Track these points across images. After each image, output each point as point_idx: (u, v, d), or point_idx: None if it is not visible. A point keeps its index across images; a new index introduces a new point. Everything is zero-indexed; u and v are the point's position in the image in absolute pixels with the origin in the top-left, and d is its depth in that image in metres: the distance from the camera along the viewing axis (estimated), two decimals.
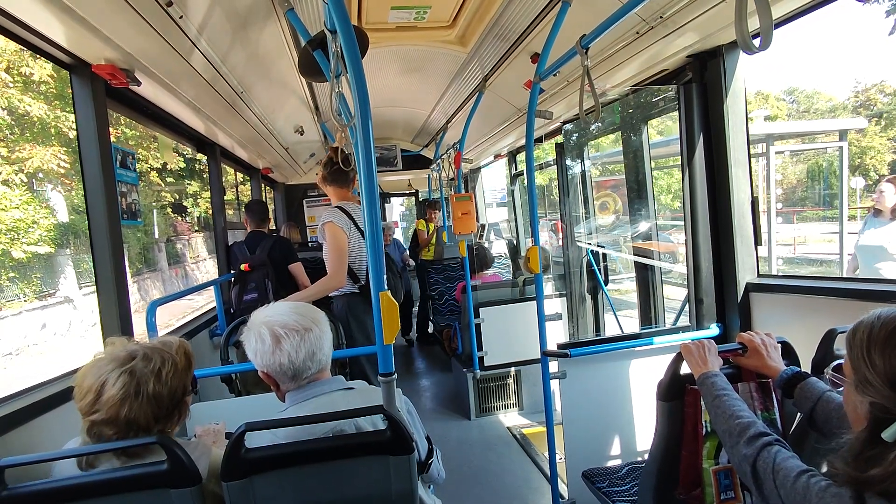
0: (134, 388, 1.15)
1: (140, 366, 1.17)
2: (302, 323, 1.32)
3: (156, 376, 1.18)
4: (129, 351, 1.20)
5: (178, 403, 1.23)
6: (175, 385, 1.21)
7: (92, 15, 1.66)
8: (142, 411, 1.15)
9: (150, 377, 1.17)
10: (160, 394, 1.18)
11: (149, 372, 1.18)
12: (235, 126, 3.51)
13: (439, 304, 5.58)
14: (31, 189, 12.41)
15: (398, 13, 2.75)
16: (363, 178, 1.24)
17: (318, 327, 1.35)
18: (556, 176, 3.98)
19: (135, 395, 1.15)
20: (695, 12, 1.96)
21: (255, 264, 3.52)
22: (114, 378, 1.14)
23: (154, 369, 1.18)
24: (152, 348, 1.22)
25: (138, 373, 1.16)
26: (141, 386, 1.16)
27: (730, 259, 2.36)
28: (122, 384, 1.14)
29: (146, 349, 1.21)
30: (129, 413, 1.14)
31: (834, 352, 1.41)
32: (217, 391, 2.69)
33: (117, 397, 1.13)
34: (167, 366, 1.20)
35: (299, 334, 1.30)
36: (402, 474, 1.19)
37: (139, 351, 1.20)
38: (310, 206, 7.09)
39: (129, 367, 1.16)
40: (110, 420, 1.13)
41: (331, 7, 1.28)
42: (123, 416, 1.14)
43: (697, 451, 1.41)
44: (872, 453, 0.87)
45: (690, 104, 2.37)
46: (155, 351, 1.21)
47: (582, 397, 2.22)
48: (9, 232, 10.83)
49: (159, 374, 1.19)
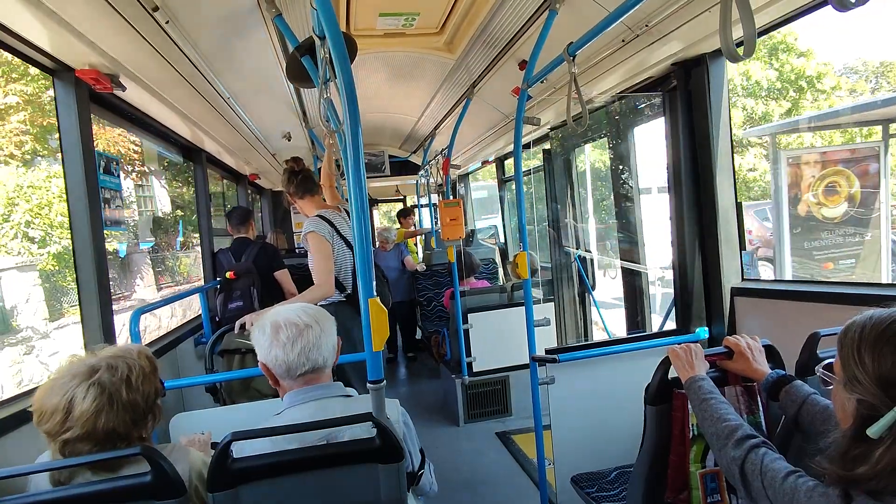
0: (107, 399, 1.12)
1: (106, 377, 1.14)
2: (304, 319, 1.33)
3: (126, 384, 1.15)
4: (90, 364, 1.16)
5: (151, 407, 1.21)
6: (147, 390, 1.19)
7: (76, 19, 1.64)
8: (119, 420, 1.13)
9: (121, 385, 1.14)
10: (135, 400, 1.15)
11: (118, 381, 1.15)
12: (222, 132, 3.49)
13: (427, 310, 5.55)
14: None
15: (386, 19, 2.75)
16: (352, 185, 1.24)
17: (320, 327, 1.35)
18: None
19: (109, 405, 1.12)
20: (679, 21, 1.99)
21: (241, 272, 3.47)
22: (82, 392, 1.11)
23: (122, 377, 1.15)
24: (114, 357, 1.19)
25: (107, 383, 1.13)
26: (113, 396, 1.13)
27: (715, 264, 2.39)
28: (93, 397, 1.11)
29: (107, 360, 1.18)
30: (106, 424, 1.11)
31: (818, 355, 1.43)
32: (203, 401, 2.65)
33: (91, 410, 1.10)
34: (135, 371, 1.18)
35: (297, 329, 1.31)
36: (391, 483, 1.18)
37: (101, 363, 1.16)
38: (297, 213, 7.03)
39: (96, 378, 1.13)
40: (86, 435, 1.10)
41: (319, 13, 1.28)
42: (101, 427, 1.11)
43: (685, 454, 1.42)
44: (858, 452, 0.88)
45: (675, 111, 2.41)
46: (118, 359, 1.18)
47: (571, 402, 2.22)
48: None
49: (129, 381, 1.16)
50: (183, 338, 3.34)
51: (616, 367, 2.25)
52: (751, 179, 11.74)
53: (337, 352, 1.41)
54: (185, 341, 3.34)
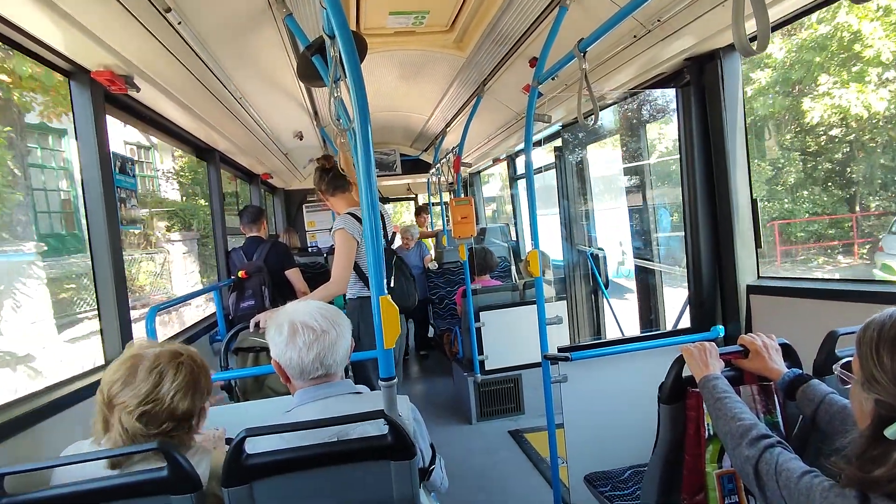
0: (194, 381, 1.18)
1: (191, 362, 1.20)
2: (321, 324, 1.33)
3: (204, 373, 1.22)
4: (172, 350, 1.22)
5: (206, 401, 1.26)
6: (208, 382, 1.25)
7: (91, 21, 1.66)
8: (195, 403, 1.18)
9: (201, 373, 1.21)
10: (207, 388, 1.22)
11: (198, 367, 1.21)
12: (235, 131, 3.52)
13: (439, 308, 5.55)
14: None
15: (396, 18, 2.76)
16: (363, 183, 1.24)
17: (337, 331, 1.35)
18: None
19: (194, 387, 1.18)
20: (692, 16, 1.96)
21: (252, 271, 3.50)
22: (172, 370, 1.16)
23: (200, 364, 1.22)
24: (186, 348, 1.25)
25: (193, 367, 1.19)
26: (197, 380, 1.19)
27: (730, 261, 2.36)
28: (183, 376, 1.16)
29: (182, 348, 1.24)
30: (189, 405, 1.17)
31: (836, 354, 1.40)
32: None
33: (181, 387, 1.15)
34: (204, 364, 1.25)
35: (315, 333, 1.32)
36: (403, 479, 1.18)
37: (181, 349, 1.23)
38: (309, 212, 7.09)
39: (183, 360, 1.19)
40: (169, 411, 1.15)
41: (329, 12, 1.29)
42: (185, 407, 1.16)
43: (700, 454, 1.40)
44: (876, 453, 0.86)
45: (689, 107, 2.37)
46: (191, 352, 1.25)
47: (583, 401, 2.21)
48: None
49: (206, 370, 1.23)
50: (198, 335, 3.38)
51: (629, 366, 2.23)
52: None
53: (349, 353, 1.42)
54: (199, 339, 3.38)
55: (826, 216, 8.66)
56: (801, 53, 8.22)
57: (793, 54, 8.40)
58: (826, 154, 8.56)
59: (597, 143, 4.51)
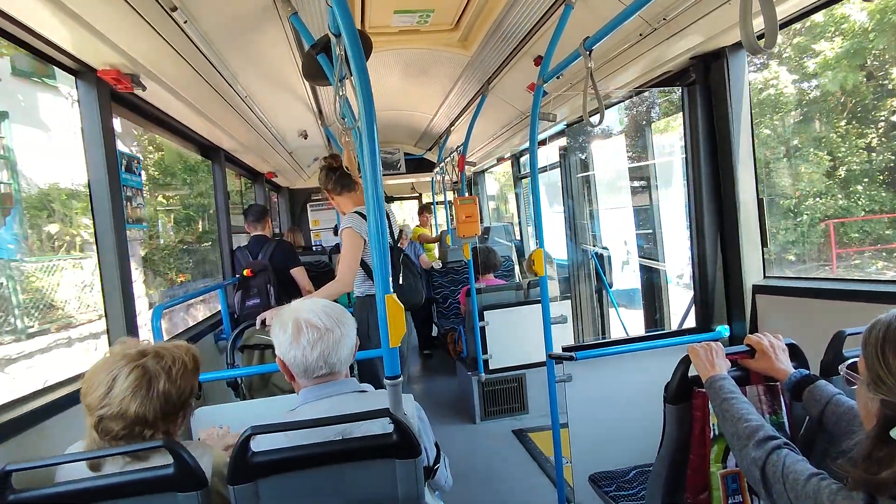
0: (146, 383, 1.16)
1: (151, 363, 1.19)
2: (325, 322, 1.33)
3: (167, 373, 1.20)
4: (140, 349, 1.22)
5: (184, 404, 1.24)
6: (184, 385, 1.23)
7: (97, 20, 1.67)
8: (151, 407, 1.16)
9: (162, 374, 1.19)
10: (169, 391, 1.19)
11: (160, 368, 1.19)
12: (240, 130, 3.53)
13: (443, 308, 5.55)
14: None
15: (401, 17, 2.76)
16: (368, 182, 1.24)
17: (341, 330, 1.35)
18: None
19: (146, 389, 1.16)
20: (698, 14, 1.96)
21: (257, 269, 3.51)
22: (126, 372, 1.16)
23: (165, 367, 1.20)
24: (163, 347, 1.24)
25: (150, 368, 1.18)
26: (152, 381, 1.17)
27: (736, 261, 2.35)
28: (134, 378, 1.15)
29: (157, 348, 1.23)
30: (139, 408, 1.15)
31: (843, 354, 1.39)
32: (222, 395, 2.69)
33: (128, 391, 1.14)
34: (177, 364, 1.22)
35: (319, 332, 1.31)
36: (408, 478, 1.18)
37: (150, 349, 1.22)
38: (314, 210, 7.11)
39: (141, 362, 1.18)
40: (119, 415, 1.14)
41: (335, 11, 1.29)
42: (133, 411, 1.14)
43: (705, 454, 1.40)
44: (882, 454, 0.85)
45: (694, 105, 2.36)
46: (165, 350, 1.23)
47: (588, 400, 2.21)
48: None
49: (170, 371, 1.20)
50: (203, 333, 3.39)
51: (634, 365, 2.23)
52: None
53: (354, 352, 1.42)
54: (205, 337, 3.39)
55: (885, 214, 7.67)
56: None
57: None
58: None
59: (602, 139, 4.49)
